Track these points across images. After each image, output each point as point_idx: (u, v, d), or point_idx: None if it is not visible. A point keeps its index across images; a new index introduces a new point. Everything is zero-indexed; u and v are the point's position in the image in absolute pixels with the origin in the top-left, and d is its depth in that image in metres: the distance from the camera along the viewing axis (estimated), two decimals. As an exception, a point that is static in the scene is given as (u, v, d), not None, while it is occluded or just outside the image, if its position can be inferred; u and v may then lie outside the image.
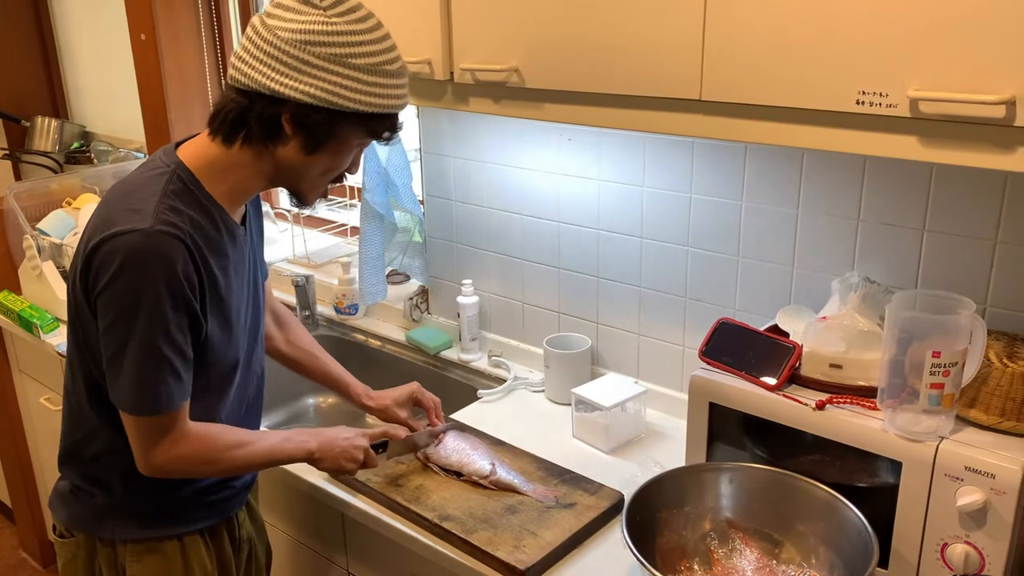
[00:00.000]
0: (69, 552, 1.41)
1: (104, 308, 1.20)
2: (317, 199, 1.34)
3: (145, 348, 1.19)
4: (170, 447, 1.25)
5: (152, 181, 1.24)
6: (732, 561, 1.29)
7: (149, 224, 1.18)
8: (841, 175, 1.46)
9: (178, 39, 2.72)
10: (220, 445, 1.30)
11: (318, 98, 1.17)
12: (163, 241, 1.18)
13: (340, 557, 1.68)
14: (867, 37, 1.04)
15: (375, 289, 2.19)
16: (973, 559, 1.15)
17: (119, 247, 1.17)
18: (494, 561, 1.34)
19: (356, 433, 1.45)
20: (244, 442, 1.33)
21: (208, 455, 1.29)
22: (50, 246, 2.41)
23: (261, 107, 1.20)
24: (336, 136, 1.23)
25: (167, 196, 1.22)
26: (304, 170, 1.27)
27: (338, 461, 1.40)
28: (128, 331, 1.19)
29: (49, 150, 3.00)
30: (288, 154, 1.24)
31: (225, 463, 1.32)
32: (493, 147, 1.94)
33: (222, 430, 1.32)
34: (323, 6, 1.18)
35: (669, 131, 1.28)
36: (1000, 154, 0.99)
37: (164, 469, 1.27)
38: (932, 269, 1.41)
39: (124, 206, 1.21)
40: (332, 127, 1.21)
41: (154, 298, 1.17)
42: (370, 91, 1.20)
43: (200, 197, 1.25)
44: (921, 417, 1.17)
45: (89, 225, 1.25)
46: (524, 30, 1.38)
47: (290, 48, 1.16)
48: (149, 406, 1.22)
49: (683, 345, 1.75)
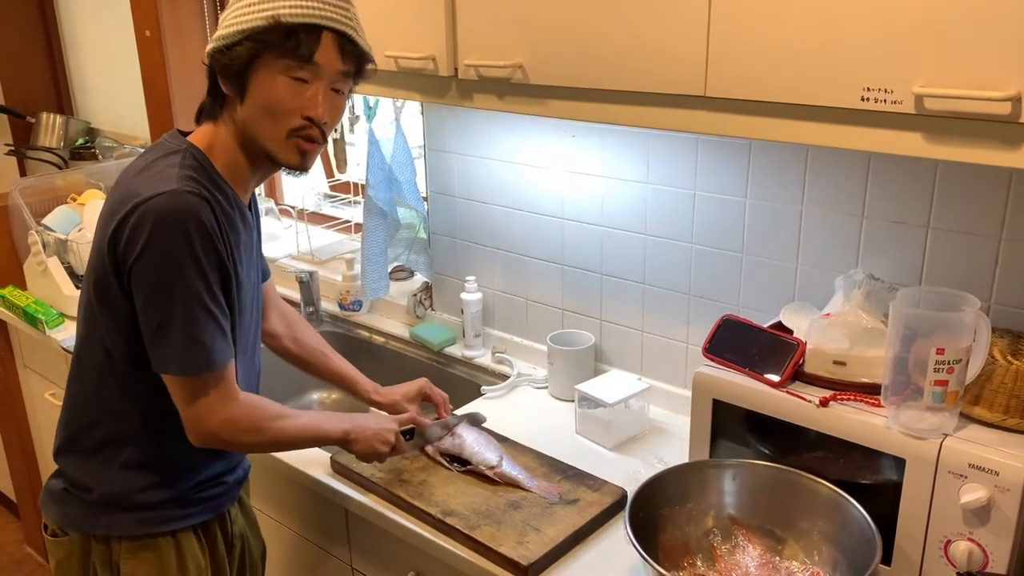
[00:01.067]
0: (62, 551, 1.41)
1: (142, 276, 1.20)
2: (293, 156, 1.27)
3: (191, 305, 1.21)
4: (222, 409, 1.26)
5: (167, 158, 1.27)
6: (735, 558, 1.29)
7: (175, 186, 1.20)
8: (846, 172, 1.46)
9: (183, 35, 2.72)
10: (267, 414, 1.32)
11: (218, 38, 1.23)
12: (191, 200, 1.20)
13: (343, 552, 1.68)
14: (872, 33, 1.04)
15: (377, 285, 2.19)
16: (976, 556, 1.14)
17: (148, 211, 1.19)
18: (497, 557, 1.34)
19: (387, 418, 1.47)
20: (287, 414, 1.35)
21: (256, 422, 1.30)
22: (55, 242, 2.41)
23: (209, 79, 1.28)
24: (249, 65, 1.22)
25: (185, 168, 1.24)
26: (254, 121, 1.25)
27: (371, 443, 1.41)
28: (171, 292, 1.20)
29: (54, 146, 3.00)
30: (237, 113, 1.27)
31: (270, 433, 1.33)
32: (497, 144, 1.94)
33: (265, 401, 1.34)
34: None
35: (673, 127, 1.28)
36: (1005, 151, 0.99)
37: (215, 434, 1.27)
38: (936, 266, 1.40)
39: (144, 178, 1.24)
40: (244, 62, 1.22)
41: (192, 255, 1.19)
42: (252, 11, 1.21)
43: (212, 174, 1.28)
44: (925, 414, 1.17)
45: (108, 205, 1.27)
46: (528, 26, 1.38)
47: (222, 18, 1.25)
48: (203, 362, 1.23)
49: (687, 342, 1.75)
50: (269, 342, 1.64)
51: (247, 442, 1.34)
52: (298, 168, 1.30)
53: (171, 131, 1.35)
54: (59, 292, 2.35)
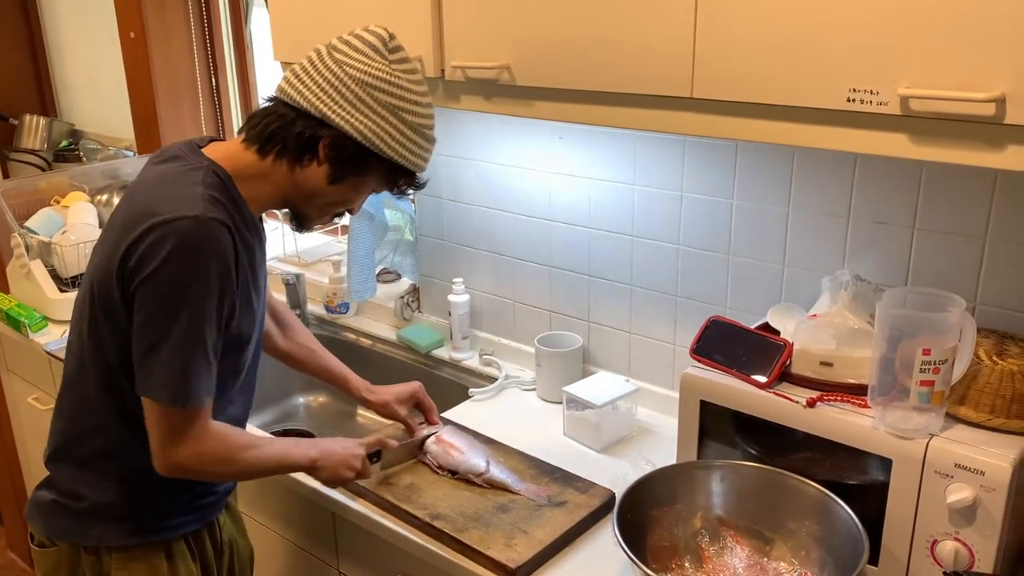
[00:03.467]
0: (50, 562, 1.39)
1: (147, 295, 1.19)
2: (316, 227, 1.42)
3: (191, 338, 1.19)
4: (194, 443, 1.24)
5: (188, 174, 1.25)
6: (723, 559, 1.29)
7: (200, 211, 1.19)
8: (832, 173, 1.46)
9: (168, 37, 2.70)
10: (236, 444, 1.30)
11: (363, 134, 1.24)
12: (215, 229, 1.19)
13: (331, 557, 1.67)
14: (858, 35, 1.04)
15: (364, 287, 2.19)
16: (963, 556, 1.15)
17: (170, 233, 1.17)
18: (485, 560, 1.34)
19: (353, 443, 1.45)
20: (256, 444, 1.33)
21: (226, 454, 1.29)
22: (38, 244, 2.39)
23: (304, 126, 1.25)
24: (362, 174, 1.29)
25: (208, 187, 1.23)
26: (320, 197, 1.31)
27: (337, 470, 1.40)
28: (174, 319, 1.18)
29: (37, 148, 2.98)
30: (312, 178, 1.28)
31: (239, 464, 1.31)
32: (484, 145, 1.94)
33: (234, 430, 1.32)
34: (390, 58, 1.26)
35: (660, 129, 1.28)
36: (990, 152, 0.99)
37: (183, 467, 1.26)
38: (922, 267, 1.41)
39: (163, 195, 1.22)
40: (363, 165, 1.28)
41: (204, 288, 1.19)
42: (409, 146, 1.28)
43: (234, 195, 1.27)
44: (911, 414, 1.17)
45: (120, 217, 1.25)
46: (515, 27, 1.38)
47: (352, 84, 1.24)
48: (190, 397, 1.21)
49: (674, 343, 1.76)
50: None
51: (215, 472, 1.32)
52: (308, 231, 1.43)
53: (185, 143, 1.33)
54: (42, 295, 2.33)
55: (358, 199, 1.36)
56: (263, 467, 1.36)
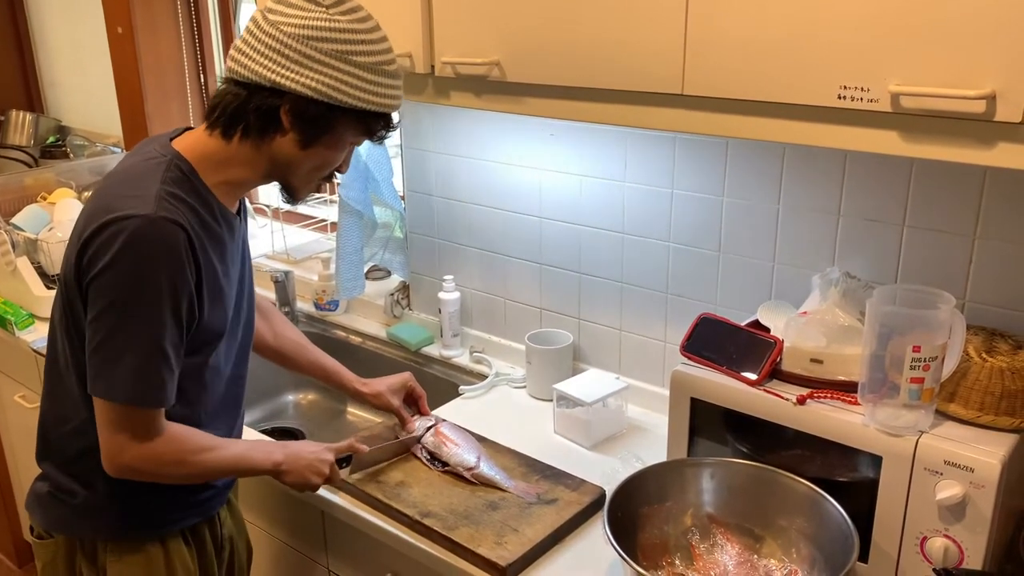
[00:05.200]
0: (48, 554, 1.39)
1: (98, 292, 1.17)
2: (308, 195, 1.36)
3: (143, 337, 1.17)
4: (145, 446, 1.22)
5: (150, 169, 1.23)
6: (713, 556, 1.29)
7: (151, 210, 1.17)
8: (822, 170, 1.46)
9: (155, 32, 2.69)
10: (190, 447, 1.28)
11: (318, 91, 1.19)
12: (166, 228, 1.17)
13: (320, 555, 1.67)
14: (849, 31, 1.04)
15: (352, 284, 2.18)
16: (952, 552, 1.15)
17: (120, 231, 1.15)
18: (475, 558, 1.33)
19: (322, 448, 1.43)
20: (213, 446, 1.31)
21: (179, 456, 1.26)
22: (24, 241, 2.37)
23: (260, 99, 1.21)
24: (332, 131, 1.24)
25: (166, 183, 1.21)
26: (298, 165, 1.27)
27: (304, 475, 1.38)
28: (124, 317, 1.17)
29: (24, 144, 2.96)
30: (284, 148, 1.24)
31: (193, 467, 1.29)
32: (474, 142, 1.93)
33: (192, 432, 1.29)
34: (325, 4, 1.20)
35: (651, 126, 1.27)
36: (980, 149, 0.99)
37: (132, 468, 1.24)
38: (912, 264, 1.41)
39: (122, 192, 1.20)
40: (329, 122, 1.23)
41: (155, 288, 1.16)
42: (369, 88, 1.22)
43: (198, 187, 1.25)
44: (901, 412, 1.17)
45: (84, 212, 1.23)
46: (506, 24, 1.37)
47: (292, 42, 1.18)
48: (146, 397, 1.20)
49: (664, 340, 1.75)
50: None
51: (169, 474, 1.29)
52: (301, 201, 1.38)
53: (158, 137, 1.31)
54: (29, 292, 2.31)
55: (339, 157, 1.30)
56: (220, 470, 1.34)
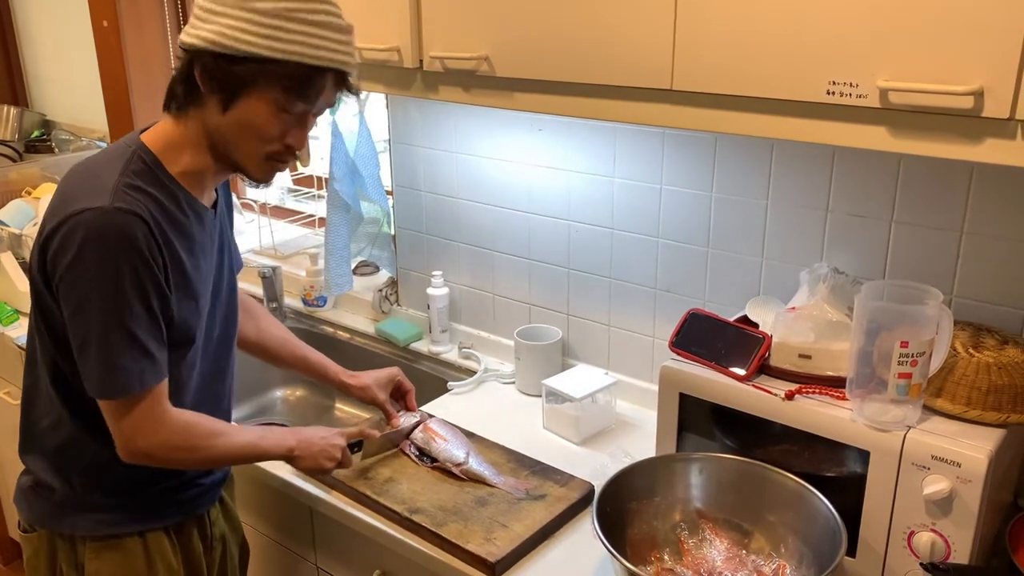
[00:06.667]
0: (32, 547, 1.39)
1: (67, 293, 1.17)
2: (266, 176, 1.27)
3: (108, 327, 1.16)
4: (151, 431, 1.22)
5: (112, 161, 1.21)
6: (702, 551, 1.29)
7: (107, 202, 1.15)
8: (810, 166, 1.46)
9: (141, 25, 2.67)
10: (201, 432, 1.28)
11: (215, 43, 1.13)
12: (121, 219, 1.15)
13: (309, 552, 1.66)
14: (837, 27, 1.04)
15: (341, 280, 2.17)
16: (939, 547, 1.16)
17: (76, 227, 1.14)
18: (464, 554, 1.33)
19: (333, 432, 1.43)
20: (224, 432, 1.31)
21: (190, 441, 1.26)
22: (9, 236, 2.36)
23: (182, 66, 1.19)
24: (246, 86, 1.16)
25: (126, 175, 1.19)
26: (231, 135, 1.20)
27: (317, 460, 1.38)
28: (92, 313, 1.16)
29: (8, 139, 2.93)
30: (210, 117, 1.19)
31: (205, 451, 1.29)
32: (463, 137, 1.93)
33: (202, 418, 1.30)
34: None
35: (640, 121, 1.27)
36: (968, 145, 0.99)
37: (146, 453, 1.24)
38: (900, 260, 1.42)
39: (80, 186, 1.19)
40: (240, 77, 1.15)
41: (114, 276, 1.15)
42: (273, 35, 1.12)
43: (163, 178, 1.22)
44: (889, 407, 1.17)
45: (48, 208, 1.22)
46: (494, 18, 1.37)
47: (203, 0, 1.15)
48: (116, 387, 1.19)
49: (653, 336, 1.76)
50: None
51: (183, 459, 1.29)
52: (263, 183, 1.31)
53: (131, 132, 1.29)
54: (13, 288, 2.29)
55: (272, 122, 1.19)
56: (233, 455, 1.34)
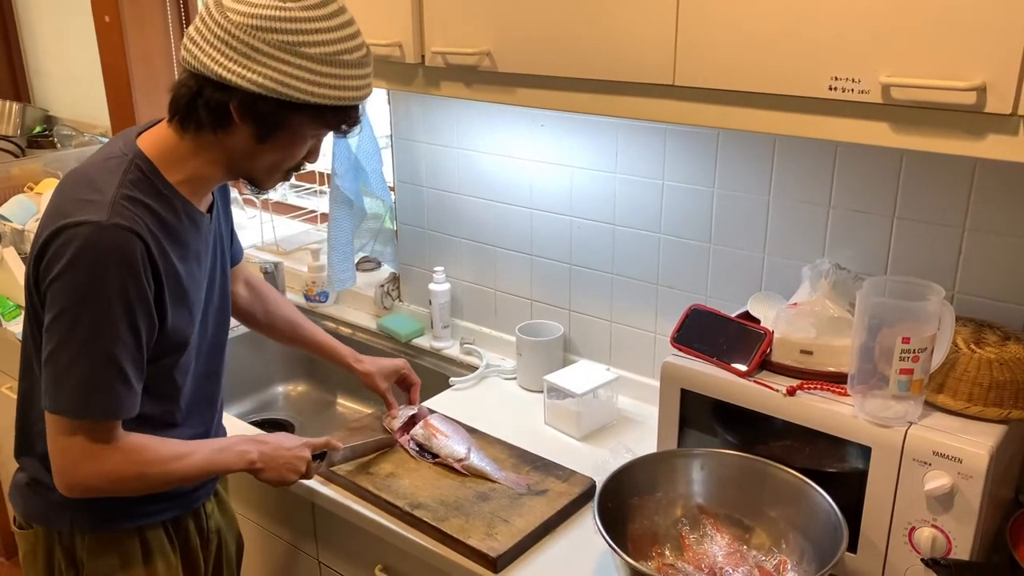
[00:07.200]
0: (28, 544, 1.38)
1: (52, 300, 1.15)
2: (275, 185, 1.31)
3: (95, 348, 1.14)
4: (98, 462, 1.18)
5: (110, 170, 1.20)
6: (703, 547, 1.30)
7: (105, 216, 1.13)
8: (812, 162, 1.46)
9: (143, 21, 2.67)
10: (150, 458, 1.24)
11: (266, 88, 1.13)
12: (118, 236, 1.13)
13: (310, 546, 1.66)
14: (840, 23, 1.04)
15: (344, 276, 2.17)
16: (940, 543, 1.16)
17: (72, 238, 1.12)
18: (466, 549, 1.33)
19: (299, 443, 1.41)
20: (178, 455, 1.27)
21: (139, 469, 1.22)
22: (11, 232, 2.36)
23: (209, 93, 1.16)
24: (287, 127, 1.19)
25: (124, 186, 1.18)
26: (257, 159, 1.22)
27: (281, 472, 1.36)
28: (75, 327, 1.13)
29: (10, 134, 2.94)
30: (239, 142, 1.20)
31: (156, 478, 1.25)
32: (465, 133, 1.92)
33: (153, 441, 1.25)
34: None
35: (642, 117, 1.27)
36: (970, 140, 0.99)
37: (88, 487, 1.20)
38: (902, 256, 1.42)
39: (79, 195, 1.17)
40: (282, 118, 1.17)
41: (106, 298, 1.13)
42: (322, 82, 1.14)
43: (160, 186, 1.21)
44: (890, 402, 1.18)
45: (44, 215, 1.21)
46: (496, 13, 1.37)
47: (240, 33, 1.12)
48: (94, 410, 1.16)
49: (655, 332, 1.76)
50: (238, 315, 1.62)
51: (130, 489, 1.25)
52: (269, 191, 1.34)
53: (125, 132, 1.27)
54: (15, 283, 2.29)
55: (301, 151, 1.24)
56: (188, 477, 1.30)
